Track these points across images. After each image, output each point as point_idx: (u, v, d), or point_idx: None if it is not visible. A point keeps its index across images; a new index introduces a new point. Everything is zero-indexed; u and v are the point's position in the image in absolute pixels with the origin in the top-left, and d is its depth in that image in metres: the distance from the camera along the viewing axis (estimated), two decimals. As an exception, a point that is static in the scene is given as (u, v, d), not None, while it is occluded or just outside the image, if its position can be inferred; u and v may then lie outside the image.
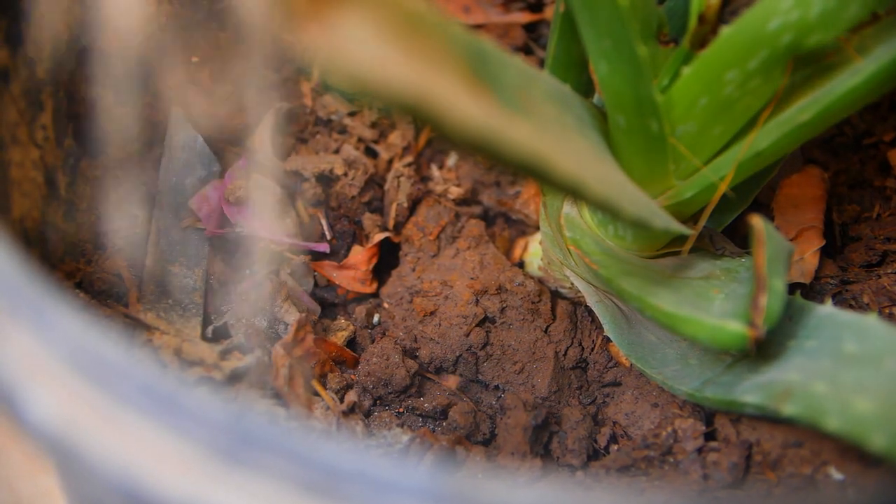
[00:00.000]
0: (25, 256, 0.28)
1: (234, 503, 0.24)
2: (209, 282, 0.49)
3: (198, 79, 0.56)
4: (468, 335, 0.48)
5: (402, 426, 0.45)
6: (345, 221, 0.54)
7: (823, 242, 0.51)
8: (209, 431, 0.25)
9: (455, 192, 0.55)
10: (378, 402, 0.46)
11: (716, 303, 0.39)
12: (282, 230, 0.51)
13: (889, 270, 0.49)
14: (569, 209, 0.45)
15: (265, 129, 0.54)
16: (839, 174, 0.55)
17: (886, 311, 0.47)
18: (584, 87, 0.44)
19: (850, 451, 0.39)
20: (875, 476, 0.38)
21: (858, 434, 0.32)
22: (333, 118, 0.56)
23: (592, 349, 0.49)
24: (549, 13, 0.65)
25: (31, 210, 0.45)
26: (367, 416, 0.46)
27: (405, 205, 0.54)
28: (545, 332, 0.49)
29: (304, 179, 0.53)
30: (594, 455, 0.45)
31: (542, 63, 0.51)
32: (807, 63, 0.36)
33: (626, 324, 0.46)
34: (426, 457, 0.42)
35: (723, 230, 0.46)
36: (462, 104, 0.25)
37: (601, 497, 0.25)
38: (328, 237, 0.53)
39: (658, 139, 0.38)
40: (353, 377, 0.47)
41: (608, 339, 0.47)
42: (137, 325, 0.45)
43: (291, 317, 0.47)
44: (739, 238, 0.48)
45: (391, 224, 0.54)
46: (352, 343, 0.50)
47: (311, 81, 0.57)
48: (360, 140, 0.56)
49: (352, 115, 0.57)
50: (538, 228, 0.54)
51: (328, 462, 0.24)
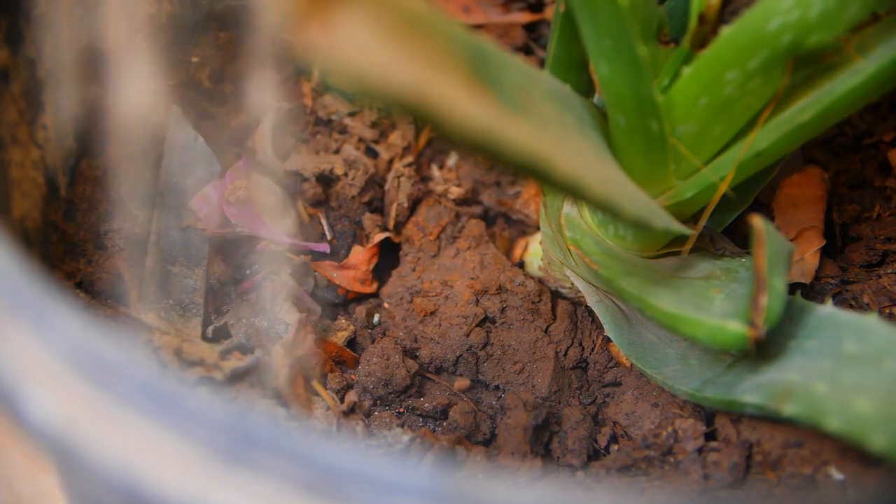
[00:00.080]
0: (26, 256, 0.28)
1: (235, 503, 0.24)
2: (209, 282, 0.49)
3: (198, 79, 0.56)
4: (468, 335, 0.48)
5: (403, 426, 0.45)
6: (345, 221, 0.54)
7: (824, 242, 0.51)
8: (209, 431, 0.25)
9: (455, 192, 0.55)
10: (378, 402, 0.46)
11: (716, 303, 0.39)
12: (282, 230, 0.51)
13: (889, 270, 0.49)
14: (569, 209, 0.45)
15: (265, 130, 0.54)
16: (839, 174, 0.55)
17: (887, 311, 0.47)
18: (585, 88, 0.44)
19: (851, 451, 0.39)
20: (875, 476, 0.38)
21: (859, 434, 0.32)
22: (334, 118, 0.56)
23: (593, 349, 0.49)
24: (550, 13, 0.65)
25: (32, 210, 0.45)
26: (368, 416, 0.46)
27: (405, 205, 0.54)
28: (545, 332, 0.49)
29: (305, 179, 0.53)
30: (594, 455, 0.45)
31: (543, 63, 0.51)
32: (807, 63, 0.36)
33: (627, 324, 0.46)
34: (426, 457, 0.42)
35: (723, 230, 0.46)
36: (462, 104, 0.25)
37: (601, 497, 0.26)
38: (328, 237, 0.53)
39: (658, 139, 0.38)
40: (354, 377, 0.47)
41: (608, 339, 0.47)
42: (138, 325, 0.45)
43: (292, 317, 0.47)
44: (740, 238, 0.48)
45: (391, 224, 0.54)
46: (352, 343, 0.50)
47: (312, 81, 0.57)
48: (361, 140, 0.56)
49: (352, 116, 0.57)
50: (538, 228, 0.54)
51: (328, 462, 0.24)
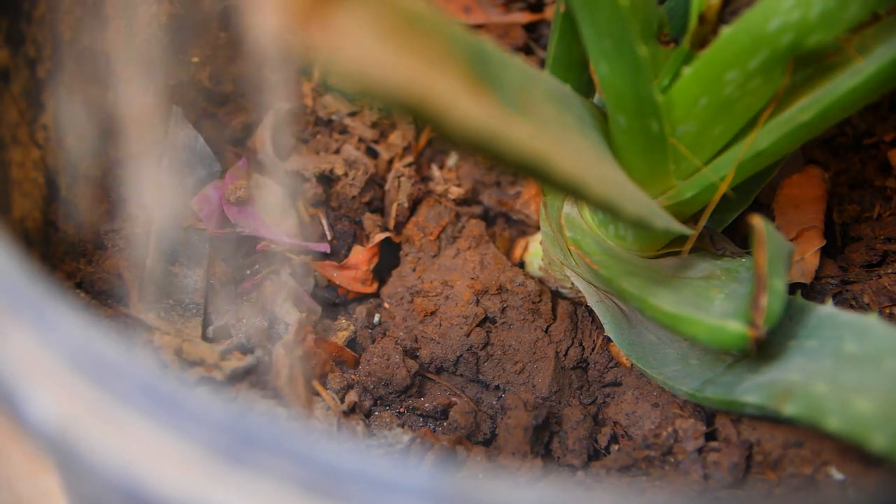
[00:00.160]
0: (26, 256, 0.28)
1: (235, 503, 0.24)
2: (210, 282, 0.49)
3: (198, 79, 0.56)
4: (469, 335, 0.48)
5: (403, 426, 0.45)
6: (345, 221, 0.54)
7: (824, 242, 0.51)
8: (210, 431, 0.25)
9: (455, 192, 0.55)
10: (379, 402, 0.46)
11: (716, 303, 0.39)
12: (282, 230, 0.51)
13: (889, 270, 0.49)
14: (569, 209, 0.45)
15: (266, 130, 0.54)
16: (840, 174, 0.55)
17: (887, 311, 0.47)
18: (585, 88, 0.44)
19: (851, 451, 0.39)
20: (875, 476, 0.38)
21: (859, 434, 0.32)
22: (334, 118, 0.56)
23: (593, 349, 0.49)
24: (550, 13, 0.65)
25: (32, 210, 0.45)
26: (368, 416, 0.46)
27: (406, 205, 0.54)
28: (546, 332, 0.49)
29: (305, 179, 0.53)
30: (595, 455, 0.45)
31: (543, 63, 0.51)
32: (807, 63, 0.36)
33: (627, 324, 0.46)
34: (427, 457, 0.42)
35: (723, 230, 0.46)
36: (462, 104, 0.25)
37: (602, 497, 0.25)
38: (329, 237, 0.53)
39: (658, 139, 0.38)
40: (354, 377, 0.47)
41: (609, 339, 0.47)
42: (138, 326, 0.45)
43: (292, 317, 0.47)
44: (740, 238, 0.48)
45: (392, 224, 0.54)
46: (352, 343, 0.50)
47: (312, 81, 0.57)
48: (361, 140, 0.56)
49: (352, 115, 0.57)
50: (539, 228, 0.54)
51: (329, 462, 0.24)
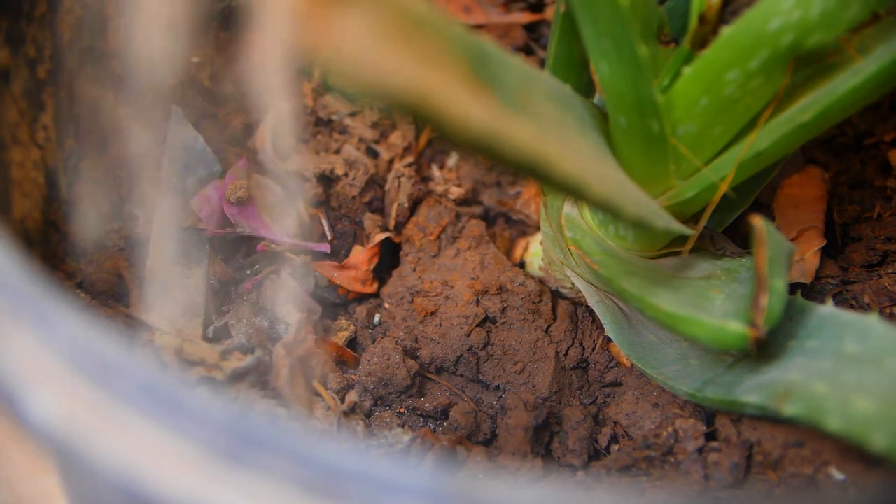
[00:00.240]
0: (26, 257, 0.28)
1: (235, 503, 0.24)
2: (210, 282, 0.49)
3: (199, 79, 0.56)
4: (469, 335, 0.48)
5: (403, 426, 0.45)
6: (345, 221, 0.54)
7: (824, 242, 0.51)
8: (210, 431, 0.25)
9: (456, 193, 0.55)
10: (379, 403, 0.46)
11: (717, 303, 0.39)
12: (282, 230, 0.51)
13: (890, 270, 0.49)
14: (569, 209, 0.45)
15: (266, 130, 0.54)
16: (840, 174, 0.55)
17: (887, 311, 0.47)
18: (585, 88, 0.44)
19: (851, 452, 0.39)
20: (876, 476, 0.38)
21: (859, 434, 0.32)
22: (334, 118, 0.56)
23: (593, 349, 0.49)
24: (550, 13, 0.65)
25: (33, 210, 0.45)
26: (368, 417, 0.46)
27: (406, 205, 0.54)
28: (546, 333, 0.49)
29: (305, 179, 0.53)
30: (595, 455, 0.45)
31: (543, 63, 0.51)
32: (808, 63, 0.36)
33: (627, 324, 0.46)
34: (427, 457, 0.42)
35: (723, 230, 0.46)
36: (463, 104, 0.25)
37: (602, 497, 0.25)
38: (329, 237, 0.53)
39: (659, 139, 0.38)
40: (354, 377, 0.47)
41: (609, 340, 0.47)
42: (138, 326, 0.45)
43: (292, 317, 0.47)
44: (740, 238, 0.48)
45: (392, 224, 0.54)
46: (353, 343, 0.50)
47: (312, 81, 0.57)
48: (361, 140, 0.56)
49: (353, 116, 0.57)
50: (539, 229, 0.54)
51: (329, 462, 0.24)
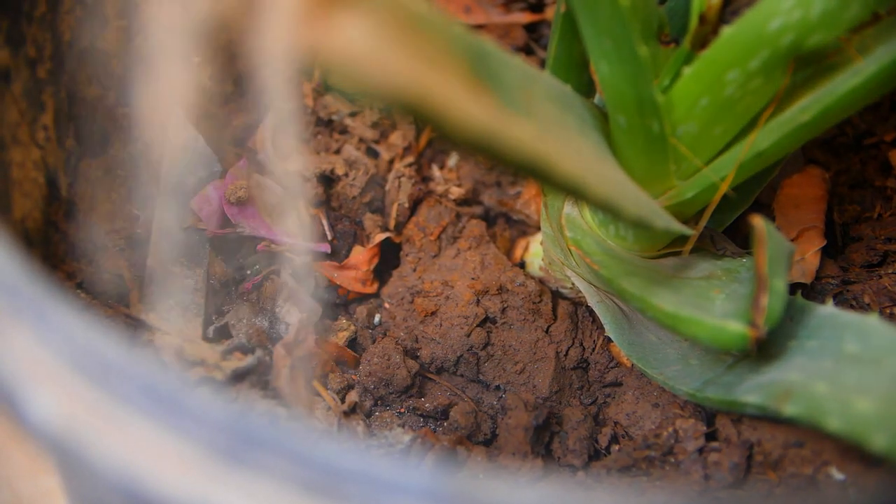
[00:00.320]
0: (27, 257, 0.28)
1: (235, 503, 0.24)
2: (210, 282, 0.49)
3: (199, 79, 0.56)
4: (469, 335, 0.48)
5: (404, 426, 0.45)
6: (346, 222, 0.54)
7: (824, 242, 0.51)
8: (210, 431, 0.25)
9: (456, 193, 0.55)
10: (379, 403, 0.46)
11: (717, 303, 0.39)
12: (283, 230, 0.51)
13: (890, 270, 0.49)
14: (570, 209, 0.45)
15: (266, 130, 0.54)
16: (840, 174, 0.55)
17: (887, 312, 0.47)
18: (586, 88, 0.44)
19: (852, 452, 0.39)
20: (876, 476, 0.38)
21: (859, 434, 0.32)
22: (334, 118, 0.56)
23: (593, 349, 0.49)
24: (550, 13, 0.65)
25: (33, 210, 0.45)
26: (369, 417, 0.46)
27: (406, 205, 0.54)
28: (546, 333, 0.49)
29: (306, 180, 0.53)
30: (595, 455, 0.45)
31: (543, 63, 0.51)
32: (808, 63, 0.36)
33: (627, 324, 0.46)
34: (427, 457, 0.42)
35: (724, 230, 0.46)
36: (463, 104, 0.25)
37: (602, 497, 0.25)
38: (329, 237, 0.53)
39: (659, 139, 0.38)
40: (355, 377, 0.47)
41: (609, 340, 0.47)
42: (138, 326, 0.45)
43: (292, 317, 0.47)
44: (740, 238, 0.48)
45: (392, 224, 0.54)
46: (353, 343, 0.50)
47: (313, 81, 0.57)
48: (361, 140, 0.56)
49: (353, 116, 0.57)
50: (539, 229, 0.54)
51: (329, 462, 0.24)
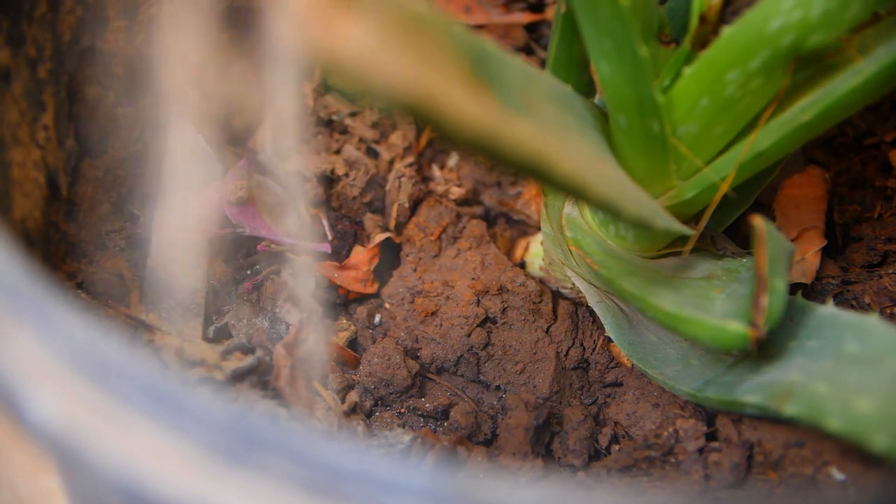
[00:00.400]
0: (27, 257, 0.28)
1: (235, 503, 0.24)
2: (210, 282, 0.49)
3: (199, 79, 0.56)
4: (469, 335, 0.48)
5: (404, 426, 0.45)
6: (346, 222, 0.54)
7: (825, 243, 0.51)
8: (210, 431, 0.25)
9: (456, 193, 0.55)
10: (379, 403, 0.46)
11: (717, 303, 0.39)
12: (283, 231, 0.51)
13: (890, 271, 0.49)
14: (570, 209, 0.45)
15: (266, 130, 0.54)
16: (840, 174, 0.55)
17: (888, 312, 0.47)
18: (586, 88, 0.44)
19: (852, 452, 0.39)
20: (876, 476, 0.38)
21: (860, 434, 0.32)
22: (335, 118, 0.56)
23: (594, 349, 0.49)
24: (551, 13, 0.65)
25: (33, 210, 0.45)
26: (369, 417, 0.46)
27: (406, 205, 0.54)
28: (546, 333, 0.49)
29: (306, 180, 0.53)
30: (595, 455, 0.45)
31: (544, 63, 0.51)
32: (808, 63, 0.36)
33: (628, 324, 0.46)
34: (427, 457, 0.42)
35: (724, 230, 0.46)
36: (463, 104, 0.25)
37: (603, 497, 0.25)
38: (329, 237, 0.53)
39: (659, 139, 0.38)
40: (355, 377, 0.47)
41: (609, 340, 0.47)
42: (139, 326, 0.45)
43: (293, 317, 0.47)
44: (741, 238, 0.48)
45: (392, 224, 0.54)
46: (353, 343, 0.50)
47: (313, 82, 0.57)
48: (362, 140, 0.56)
49: (353, 116, 0.57)
50: (539, 229, 0.54)
51: (329, 462, 0.24)
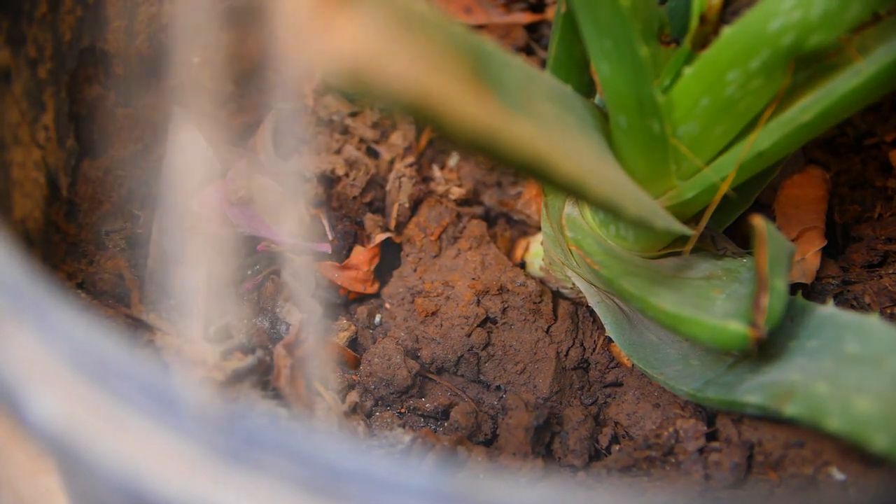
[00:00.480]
0: (27, 257, 0.28)
1: (235, 503, 0.24)
2: (210, 282, 0.49)
3: (199, 79, 0.56)
4: (470, 335, 0.48)
5: (404, 426, 0.45)
6: (346, 222, 0.54)
7: (825, 243, 0.51)
8: (210, 431, 0.25)
9: (456, 193, 0.55)
10: (379, 403, 0.46)
11: (717, 303, 0.39)
12: (283, 231, 0.51)
13: (890, 271, 0.49)
14: (570, 209, 0.45)
15: (267, 130, 0.54)
16: (840, 174, 0.55)
17: (888, 312, 0.47)
18: (586, 88, 0.44)
19: (852, 452, 0.39)
20: (876, 476, 0.38)
21: (860, 434, 0.32)
22: (335, 118, 0.56)
23: (594, 349, 0.49)
24: (551, 14, 0.65)
25: (33, 211, 0.45)
26: (369, 417, 0.46)
27: (406, 205, 0.54)
28: (547, 333, 0.49)
29: (306, 180, 0.53)
30: (596, 455, 0.45)
31: (544, 63, 0.51)
32: (808, 63, 0.36)
33: (628, 324, 0.46)
34: (428, 457, 0.42)
35: (724, 230, 0.46)
36: (463, 104, 0.25)
37: (603, 497, 0.25)
38: (329, 237, 0.53)
39: (659, 139, 0.38)
40: (355, 377, 0.47)
41: (610, 340, 0.47)
42: (139, 326, 0.45)
43: (293, 317, 0.47)
44: (741, 238, 0.48)
45: (393, 224, 0.54)
46: (353, 343, 0.50)
47: (313, 82, 0.57)
48: (362, 140, 0.56)
49: (353, 116, 0.57)
50: (539, 229, 0.54)
51: (329, 462, 0.24)
